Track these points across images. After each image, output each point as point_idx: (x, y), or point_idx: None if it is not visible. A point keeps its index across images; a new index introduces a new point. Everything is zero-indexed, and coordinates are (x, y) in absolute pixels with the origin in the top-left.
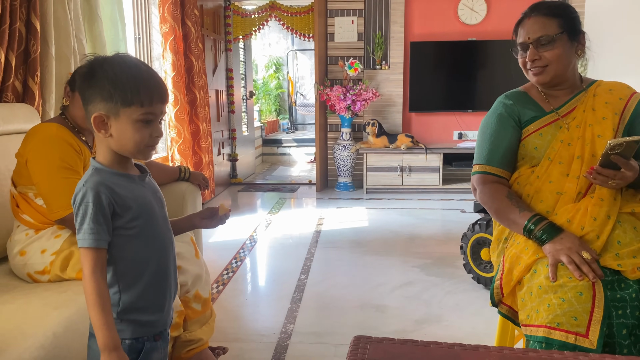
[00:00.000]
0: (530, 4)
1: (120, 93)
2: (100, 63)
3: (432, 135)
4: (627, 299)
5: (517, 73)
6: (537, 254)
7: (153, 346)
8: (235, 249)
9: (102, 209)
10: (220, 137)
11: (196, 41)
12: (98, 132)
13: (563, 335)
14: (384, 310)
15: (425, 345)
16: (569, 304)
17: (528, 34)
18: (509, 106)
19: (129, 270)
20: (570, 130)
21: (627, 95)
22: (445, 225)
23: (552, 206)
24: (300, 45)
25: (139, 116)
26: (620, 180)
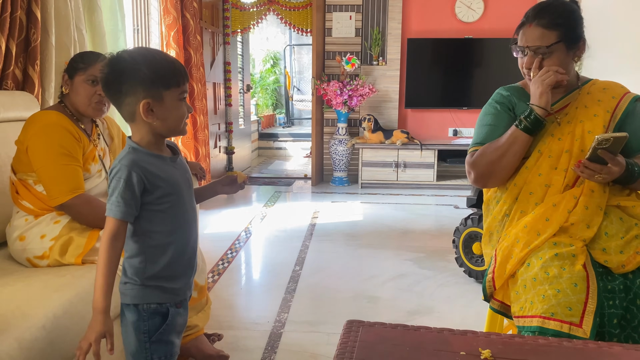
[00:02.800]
0: (536, 4)
1: (161, 77)
2: (123, 59)
3: (427, 131)
4: (616, 290)
5: (513, 71)
6: (528, 246)
7: (176, 312)
8: (230, 240)
9: (131, 186)
10: (217, 130)
11: (194, 34)
12: (146, 118)
13: (557, 325)
14: (376, 301)
15: (416, 330)
16: (564, 294)
17: (527, 41)
18: (506, 97)
19: (156, 242)
20: (562, 125)
21: (620, 94)
22: (438, 220)
23: (540, 198)
24: (298, 40)
25: (178, 95)
26: (606, 175)
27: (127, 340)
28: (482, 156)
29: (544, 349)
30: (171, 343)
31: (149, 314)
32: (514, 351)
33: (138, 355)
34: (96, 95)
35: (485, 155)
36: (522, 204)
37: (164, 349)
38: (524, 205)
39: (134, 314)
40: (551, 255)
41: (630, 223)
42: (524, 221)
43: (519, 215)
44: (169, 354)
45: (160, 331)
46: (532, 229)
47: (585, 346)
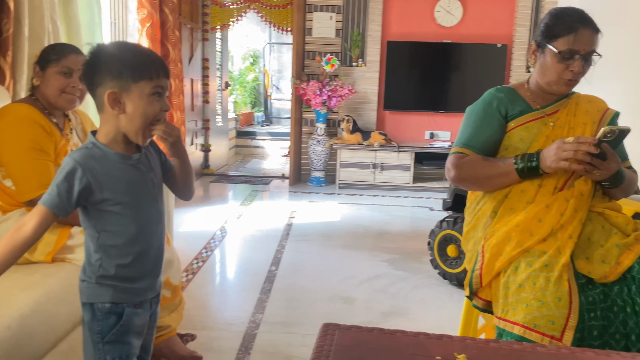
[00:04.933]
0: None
1: (128, 69)
2: (102, 49)
3: (404, 134)
4: (597, 300)
5: (489, 77)
6: (520, 246)
7: (133, 312)
8: (205, 239)
9: (71, 180)
10: (194, 126)
11: (173, 29)
12: (112, 109)
13: (539, 337)
14: (351, 302)
15: (392, 334)
16: (548, 307)
17: (583, 44)
18: (500, 98)
19: (112, 242)
20: (555, 128)
21: (604, 108)
22: (414, 222)
23: (532, 197)
24: (278, 38)
25: (150, 89)
26: (605, 171)
27: (84, 342)
28: (470, 168)
29: (519, 354)
30: (127, 344)
31: (103, 314)
32: (489, 356)
33: (91, 355)
34: (69, 87)
35: (474, 169)
36: (512, 201)
37: (119, 349)
38: (515, 203)
39: (89, 313)
40: (540, 265)
41: (610, 232)
42: (517, 220)
43: (508, 212)
44: (125, 355)
45: (114, 332)
46: (524, 229)
47: (558, 351)
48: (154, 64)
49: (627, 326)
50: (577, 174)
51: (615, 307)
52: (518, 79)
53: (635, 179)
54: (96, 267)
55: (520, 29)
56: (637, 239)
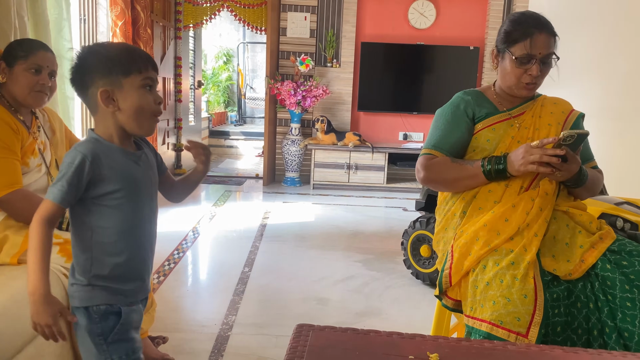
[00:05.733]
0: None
1: (117, 65)
2: (87, 50)
3: (378, 134)
4: (561, 297)
5: (462, 79)
6: (488, 245)
7: (129, 309)
8: (177, 240)
9: (81, 173)
10: (166, 126)
11: (145, 27)
12: (106, 107)
13: (505, 334)
14: (325, 302)
15: (365, 334)
16: (514, 304)
17: (539, 49)
18: (467, 101)
19: (105, 239)
20: (520, 130)
21: (569, 109)
22: (387, 222)
23: (499, 197)
24: (252, 37)
25: (140, 82)
26: (565, 172)
27: (83, 346)
28: (439, 169)
29: (490, 352)
30: (131, 340)
31: (100, 316)
32: (461, 355)
33: (95, 358)
34: (38, 84)
35: (442, 171)
36: (480, 201)
37: (124, 347)
38: (483, 203)
39: (84, 317)
40: (507, 263)
41: (574, 230)
42: (484, 219)
43: (477, 212)
44: (131, 350)
45: (116, 331)
46: (492, 228)
47: (528, 349)
48: (141, 57)
49: (590, 322)
50: (541, 174)
51: (578, 303)
52: (490, 81)
53: (600, 178)
54: (87, 268)
55: (492, 31)
56: (601, 237)
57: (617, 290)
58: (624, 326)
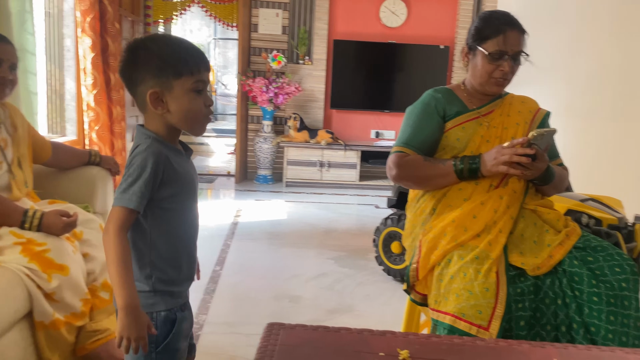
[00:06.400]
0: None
1: (169, 65)
2: (139, 44)
3: (351, 132)
4: (526, 292)
5: (432, 77)
6: (455, 240)
7: (182, 316)
8: None
9: (155, 177)
10: (135, 122)
11: (113, 21)
12: (155, 109)
13: (467, 326)
14: (297, 300)
15: (336, 331)
16: (475, 297)
17: (511, 46)
18: (438, 99)
19: (166, 242)
20: (490, 129)
21: (536, 108)
22: (359, 219)
23: (469, 195)
24: (223, 33)
25: (191, 85)
26: (534, 171)
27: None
28: (411, 167)
29: (459, 348)
30: (177, 350)
31: (159, 323)
32: (430, 351)
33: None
34: None
35: (414, 169)
36: (450, 199)
37: (170, 356)
38: (453, 200)
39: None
40: (472, 257)
41: (542, 229)
42: (452, 216)
43: (446, 209)
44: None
45: (168, 340)
46: (459, 224)
47: (496, 345)
48: (194, 57)
49: (558, 318)
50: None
51: (547, 300)
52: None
53: (566, 175)
54: (149, 273)
55: (461, 31)
56: (567, 234)
57: (584, 286)
58: (591, 321)
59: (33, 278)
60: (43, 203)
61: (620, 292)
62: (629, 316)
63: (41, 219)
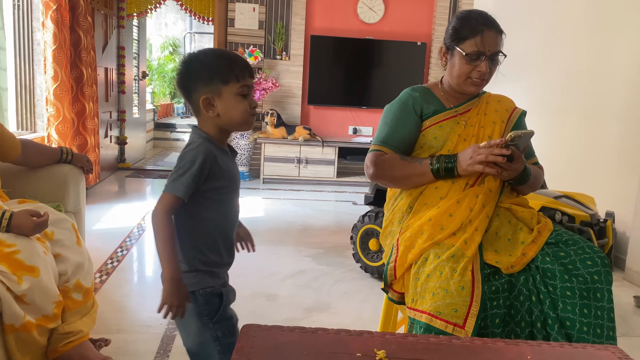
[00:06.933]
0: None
1: (217, 74)
2: (192, 58)
3: (328, 129)
4: (500, 290)
5: (409, 74)
6: (432, 239)
7: (227, 290)
8: (121, 237)
9: (202, 172)
10: (109, 118)
11: (85, 14)
12: (206, 112)
13: (443, 325)
14: (274, 299)
15: (313, 332)
16: (451, 296)
17: (488, 46)
18: (415, 98)
19: (208, 228)
20: (466, 127)
21: (512, 107)
22: (337, 216)
23: (445, 193)
24: (199, 27)
25: (237, 90)
26: (512, 172)
27: (187, 325)
28: (388, 166)
29: (435, 347)
30: (230, 317)
31: (206, 298)
32: (407, 350)
33: (202, 335)
34: None
35: (392, 168)
36: (427, 197)
37: (226, 324)
38: (429, 199)
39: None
40: (447, 255)
41: (516, 227)
42: (429, 214)
43: (423, 208)
44: (232, 327)
45: (221, 311)
46: (436, 223)
47: (472, 343)
48: (239, 66)
49: (533, 314)
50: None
51: (521, 297)
52: (436, 77)
53: (541, 174)
54: (191, 255)
55: (439, 27)
56: (539, 231)
57: (557, 281)
58: (566, 315)
59: (2, 280)
60: (12, 203)
61: (592, 285)
62: (602, 308)
63: (10, 219)
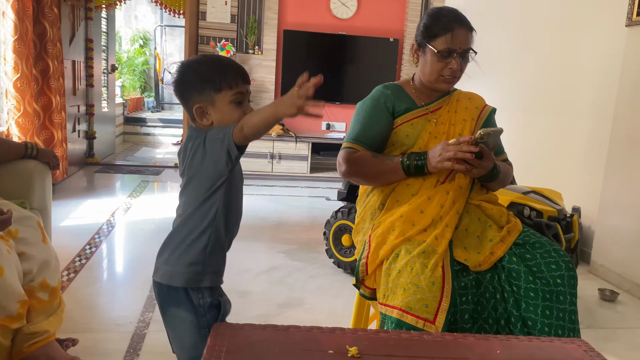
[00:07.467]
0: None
1: (209, 82)
2: (186, 65)
3: (302, 124)
4: (468, 286)
5: (382, 70)
6: (403, 235)
7: (224, 300)
8: (89, 233)
9: None
10: (76, 112)
11: (51, 5)
12: (200, 121)
13: (413, 320)
14: (247, 295)
15: (285, 330)
16: (422, 291)
17: (459, 43)
18: (387, 95)
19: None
20: (437, 125)
21: (482, 105)
22: (310, 212)
23: (417, 190)
24: (170, 20)
25: (231, 97)
26: (482, 169)
27: (183, 339)
28: (361, 164)
29: (407, 343)
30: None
31: (206, 309)
32: (379, 346)
33: (198, 349)
34: None
35: (364, 165)
36: (399, 194)
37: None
38: (401, 196)
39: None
40: (419, 251)
41: (485, 224)
42: (400, 211)
43: (395, 204)
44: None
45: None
46: (407, 219)
47: (443, 338)
48: (232, 73)
49: (497, 312)
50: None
51: (487, 294)
52: (409, 74)
53: (510, 170)
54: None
55: (411, 24)
56: (509, 231)
57: (522, 282)
58: (528, 315)
59: None
60: None
61: (555, 287)
62: (565, 310)
63: None
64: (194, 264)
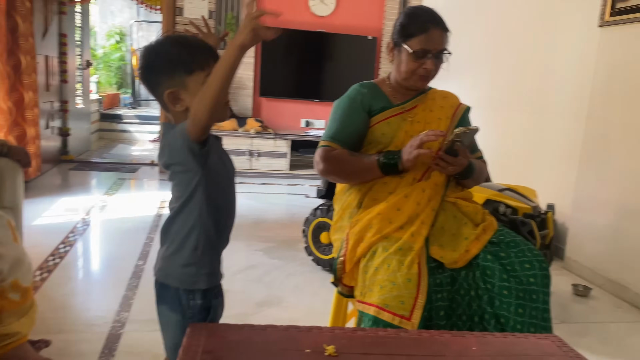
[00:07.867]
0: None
1: (179, 64)
2: (151, 50)
3: (281, 121)
4: (444, 283)
5: (360, 68)
6: (380, 232)
7: (217, 302)
8: (64, 232)
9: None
10: (50, 108)
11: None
12: (173, 107)
13: (389, 317)
14: (225, 294)
15: (262, 329)
16: (398, 288)
17: (435, 44)
18: (364, 94)
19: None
20: (413, 124)
21: (457, 104)
22: (289, 209)
23: (393, 188)
24: (146, 16)
25: (204, 78)
26: (457, 167)
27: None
28: (337, 162)
29: (384, 341)
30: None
31: (195, 311)
32: (356, 345)
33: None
34: None
35: (341, 164)
36: (376, 192)
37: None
38: (378, 194)
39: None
40: (395, 249)
41: (461, 222)
42: (377, 209)
43: (372, 202)
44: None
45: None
46: (385, 217)
47: (419, 335)
48: (203, 52)
49: (471, 309)
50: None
51: (461, 291)
52: (386, 72)
53: (484, 168)
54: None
55: (389, 22)
56: (484, 229)
57: (496, 280)
58: (501, 312)
59: None
60: None
61: (528, 286)
62: (537, 309)
63: None
64: (188, 265)
